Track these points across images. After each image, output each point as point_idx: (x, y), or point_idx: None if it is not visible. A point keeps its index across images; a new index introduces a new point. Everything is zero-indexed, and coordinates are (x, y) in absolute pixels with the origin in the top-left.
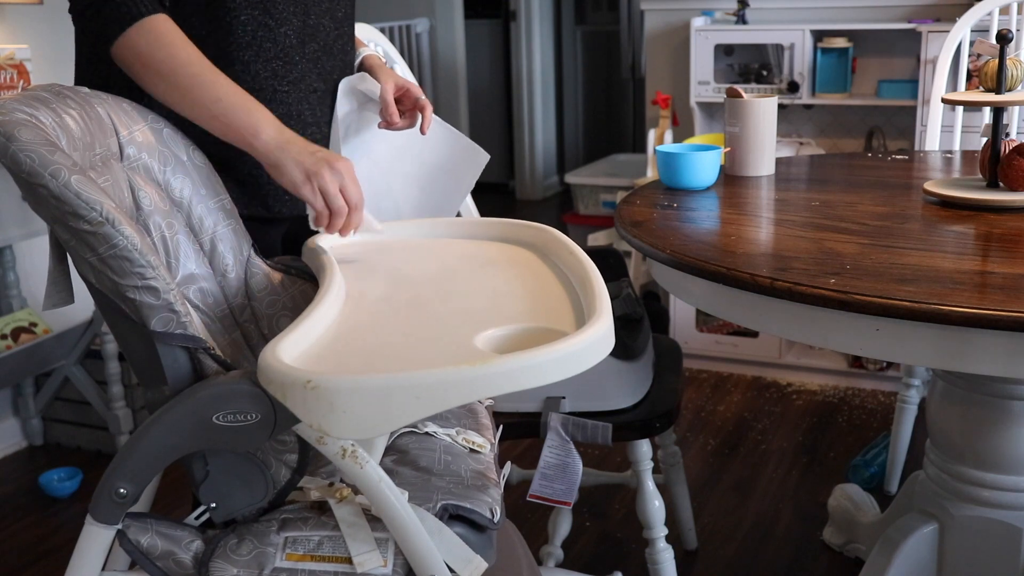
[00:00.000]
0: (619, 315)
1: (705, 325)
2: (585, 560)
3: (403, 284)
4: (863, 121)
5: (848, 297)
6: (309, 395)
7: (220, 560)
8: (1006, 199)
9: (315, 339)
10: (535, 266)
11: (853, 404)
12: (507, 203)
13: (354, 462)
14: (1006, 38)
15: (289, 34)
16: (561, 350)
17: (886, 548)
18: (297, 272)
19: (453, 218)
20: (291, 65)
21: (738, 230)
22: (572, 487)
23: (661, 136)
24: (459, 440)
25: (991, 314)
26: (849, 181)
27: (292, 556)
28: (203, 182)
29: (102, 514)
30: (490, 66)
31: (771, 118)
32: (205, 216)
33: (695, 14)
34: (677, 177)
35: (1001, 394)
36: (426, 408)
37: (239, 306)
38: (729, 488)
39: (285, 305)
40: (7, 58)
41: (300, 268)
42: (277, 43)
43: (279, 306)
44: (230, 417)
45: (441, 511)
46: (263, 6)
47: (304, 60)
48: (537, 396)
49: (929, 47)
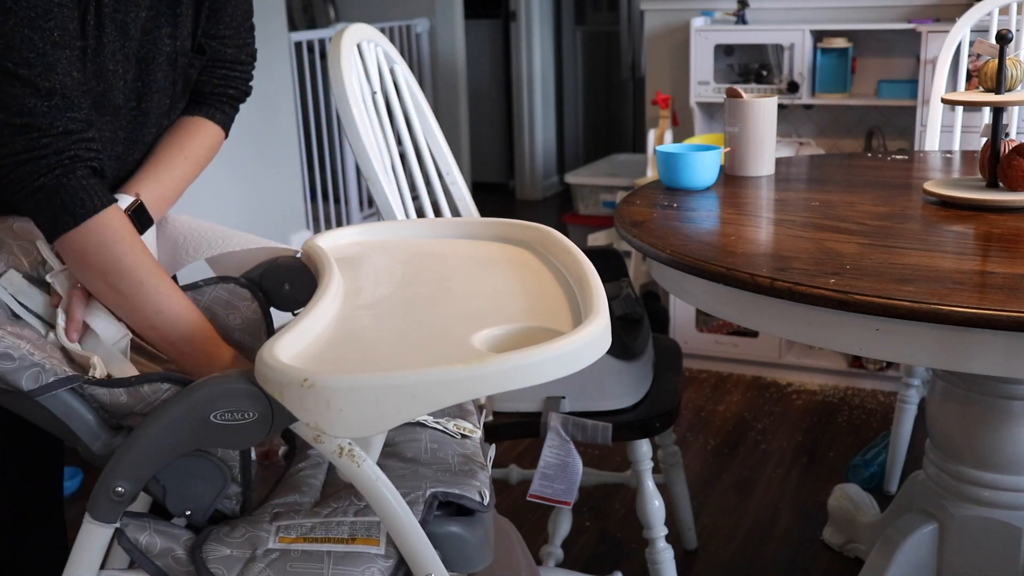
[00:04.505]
0: (619, 315)
1: (705, 325)
2: (585, 560)
3: (401, 283)
4: (863, 121)
5: (848, 297)
6: (306, 394)
7: (213, 543)
8: (1006, 199)
9: (313, 338)
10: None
11: (853, 404)
12: (507, 203)
13: (351, 460)
14: (1006, 38)
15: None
16: (557, 349)
17: (886, 548)
18: (204, 282)
19: (452, 218)
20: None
21: (738, 230)
22: (572, 487)
23: (661, 136)
24: (450, 427)
25: (991, 314)
26: (849, 181)
27: (285, 539)
28: None
29: (100, 513)
30: (490, 66)
31: (771, 118)
32: None
33: (695, 14)
34: (677, 177)
35: (1001, 394)
36: (422, 407)
37: None
38: (729, 488)
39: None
40: None
41: (207, 279)
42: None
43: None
44: (227, 415)
45: (431, 499)
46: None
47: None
48: (537, 396)
49: (929, 47)
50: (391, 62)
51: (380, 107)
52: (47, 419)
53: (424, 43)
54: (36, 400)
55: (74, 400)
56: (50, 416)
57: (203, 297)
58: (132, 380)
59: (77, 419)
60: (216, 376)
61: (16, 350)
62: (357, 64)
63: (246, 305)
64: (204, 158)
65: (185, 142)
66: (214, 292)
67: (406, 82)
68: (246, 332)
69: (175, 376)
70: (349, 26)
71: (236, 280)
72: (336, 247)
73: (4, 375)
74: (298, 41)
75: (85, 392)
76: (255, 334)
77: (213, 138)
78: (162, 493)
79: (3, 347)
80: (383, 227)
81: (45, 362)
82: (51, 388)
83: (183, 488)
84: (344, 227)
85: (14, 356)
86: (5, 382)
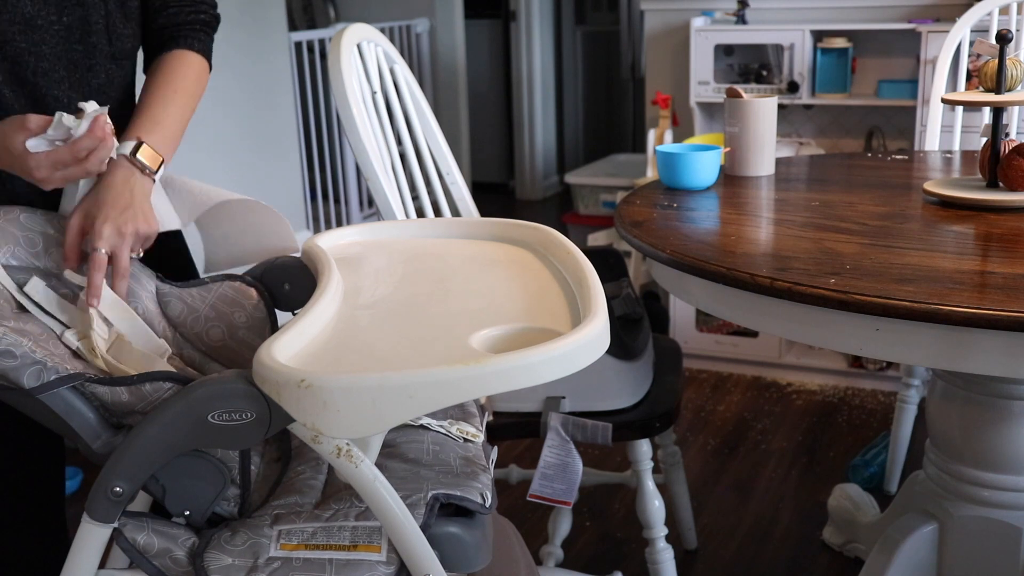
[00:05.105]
0: (619, 315)
1: (705, 325)
2: (585, 560)
3: (400, 283)
4: (863, 121)
5: (848, 297)
6: (303, 394)
7: (214, 551)
8: (1006, 199)
9: (310, 338)
10: (533, 266)
11: (853, 404)
12: (507, 203)
13: (349, 461)
14: (1006, 38)
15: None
16: (555, 350)
17: (886, 548)
18: (211, 279)
19: (452, 218)
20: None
21: (738, 230)
22: (572, 487)
23: (661, 136)
24: (453, 431)
25: (991, 314)
26: (849, 181)
27: (286, 546)
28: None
29: (98, 512)
30: (490, 66)
31: (771, 118)
32: None
33: (695, 14)
34: (677, 177)
35: (1001, 394)
36: (420, 407)
37: (167, 338)
38: (729, 488)
39: (208, 317)
40: None
41: (213, 276)
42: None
43: (203, 320)
44: (225, 416)
45: (432, 501)
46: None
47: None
48: (537, 396)
49: (929, 47)
50: (391, 62)
51: (380, 107)
52: (48, 417)
53: (424, 43)
54: (37, 398)
55: (76, 398)
56: (51, 414)
57: (209, 294)
58: (134, 378)
59: (78, 417)
60: (215, 376)
61: (18, 347)
62: (357, 64)
63: (252, 303)
64: (195, 89)
65: (170, 77)
66: (220, 289)
67: (406, 82)
68: (251, 330)
69: (177, 375)
70: (349, 26)
71: (242, 278)
72: (336, 247)
73: (6, 373)
74: (298, 41)
75: (86, 390)
76: (260, 332)
77: (197, 68)
78: (161, 493)
79: (5, 344)
80: (383, 227)
81: (47, 360)
82: (53, 386)
83: (182, 488)
84: (344, 227)
85: (16, 354)
86: (7, 380)
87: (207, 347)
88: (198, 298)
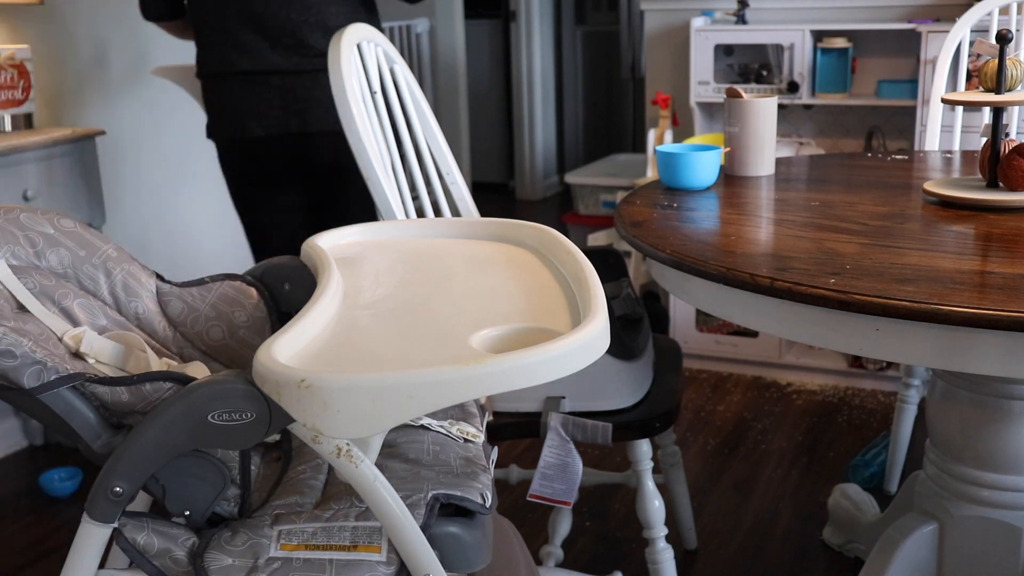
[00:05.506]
0: (619, 315)
1: (705, 325)
2: (585, 560)
3: (400, 283)
4: (863, 121)
5: (848, 297)
6: (303, 394)
7: (215, 551)
8: (1006, 199)
9: (310, 338)
10: (533, 266)
11: (853, 404)
12: (507, 203)
13: (349, 461)
14: (1006, 38)
15: None
16: (554, 350)
17: (886, 548)
18: (211, 279)
19: (451, 218)
20: None
21: (738, 230)
22: (572, 487)
23: (661, 136)
24: (453, 431)
25: (991, 314)
26: (849, 181)
27: (287, 547)
28: (80, 244)
29: (98, 512)
30: (490, 66)
31: (771, 118)
32: (95, 273)
33: (695, 14)
34: (677, 177)
35: (1001, 394)
36: (419, 407)
37: (167, 338)
38: (729, 488)
39: (208, 316)
40: (7, 58)
41: (214, 276)
42: None
43: (203, 320)
44: (225, 416)
45: (432, 501)
46: None
47: None
48: (537, 396)
49: (929, 47)
50: (391, 62)
51: (380, 107)
52: (48, 417)
53: (424, 43)
54: (37, 398)
55: (75, 398)
56: (51, 414)
57: (209, 294)
58: (134, 378)
59: (78, 417)
60: (214, 376)
61: (18, 347)
62: (357, 64)
63: (252, 303)
64: None
65: None
66: (220, 289)
67: (406, 82)
68: (251, 330)
69: (177, 375)
70: (349, 26)
71: (242, 277)
72: (336, 247)
73: (6, 373)
74: None
75: (86, 390)
76: (260, 332)
77: None
78: (161, 493)
79: (5, 344)
80: (383, 227)
81: (47, 360)
82: (53, 386)
83: (182, 488)
84: (344, 227)
85: (16, 354)
86: (7, 380)
87: (207, 347)
88: (198, 298)
